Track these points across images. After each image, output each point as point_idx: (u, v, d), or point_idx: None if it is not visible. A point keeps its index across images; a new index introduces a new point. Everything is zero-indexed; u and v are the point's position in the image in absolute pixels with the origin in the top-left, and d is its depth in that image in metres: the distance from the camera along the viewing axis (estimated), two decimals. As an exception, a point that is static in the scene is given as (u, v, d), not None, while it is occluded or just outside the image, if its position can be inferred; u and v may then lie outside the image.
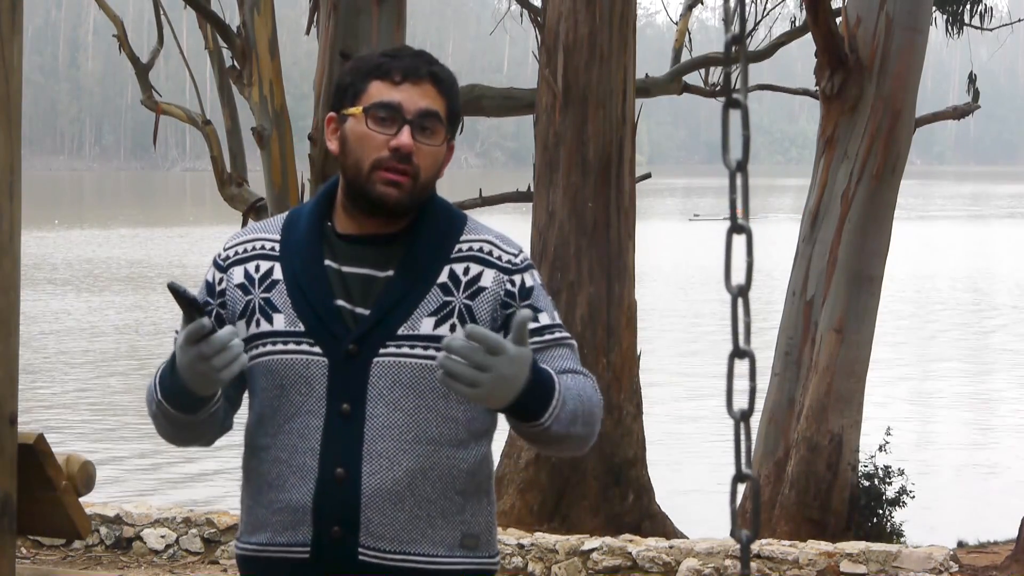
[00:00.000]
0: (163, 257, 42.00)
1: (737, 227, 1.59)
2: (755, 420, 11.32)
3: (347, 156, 2.77)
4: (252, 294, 2.79)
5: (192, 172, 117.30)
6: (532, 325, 2.75)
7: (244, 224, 11.47)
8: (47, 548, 8.55)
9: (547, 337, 2.78)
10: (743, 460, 1.61)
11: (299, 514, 2.74)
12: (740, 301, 1.60)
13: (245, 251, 2.84)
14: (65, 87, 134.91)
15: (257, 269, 2.81)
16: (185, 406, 2.73)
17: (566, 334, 2.82)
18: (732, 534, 1.63)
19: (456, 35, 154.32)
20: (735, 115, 1.59)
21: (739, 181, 1.59)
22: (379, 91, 2.75)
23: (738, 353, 1.61)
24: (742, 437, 1.61)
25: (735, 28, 1.57)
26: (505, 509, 10.20)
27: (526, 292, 2.78)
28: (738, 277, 1.60)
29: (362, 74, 2.78)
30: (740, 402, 1.63)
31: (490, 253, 2.79)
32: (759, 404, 11.21)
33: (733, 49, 1.58)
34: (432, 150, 2.75)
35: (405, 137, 2.72)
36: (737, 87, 1.58)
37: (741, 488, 1.64)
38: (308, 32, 10.91)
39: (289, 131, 10.50)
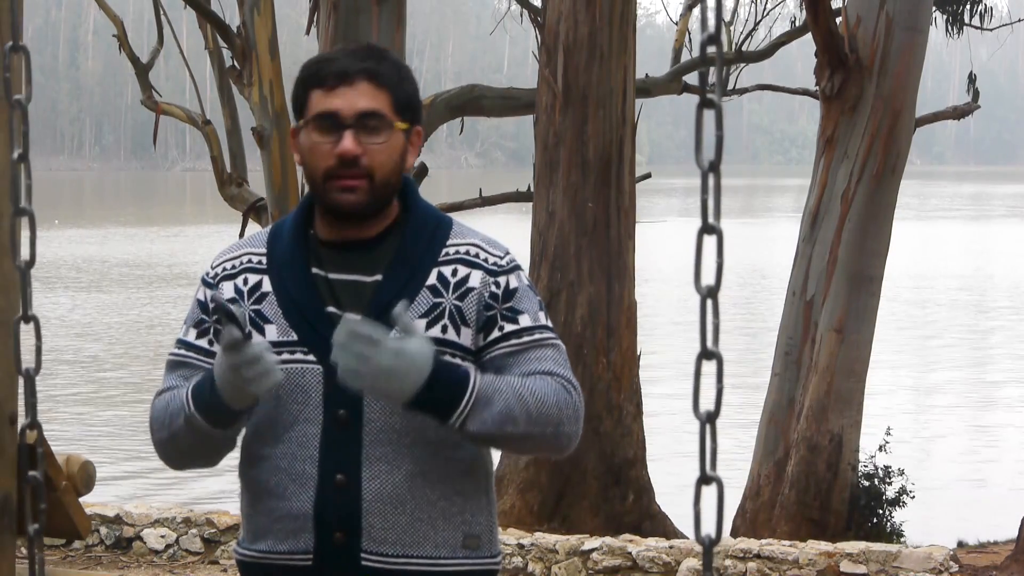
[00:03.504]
0: (163, 256, 42.00)
1: (708, 227, 1.59)
2: (755, 420, 11.32)
3: (306, 168, 2.79)
4: (242, 307, 2.79)
5: (192, 172, 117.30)
6: (510, 328, 2.76)
7: (244, 224, 11.47)
8: (47, 548, 8.55)
9: (525, 339, 2.77)
10: (708, 462, 1.61)
11: (300, 521, 2.75)
12: (709, 302, 1.60)
13: (233, 267, 2.85)
14: (65, 87, 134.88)
15: (245, 282, 2.81)
16: (219, 420, 2.73)
17: (548, 335, 2.79)
18: (696, 537, 1.64)
19: (456, 35, 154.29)
20: (709, 115, 1.59)
21: (711, 182, 1.59)
22: (318, 100, 2.75)
23: (706, 354, 1.61)
24: (707, 439, 1.61)
25: (711, 27, 1.57)
26: (505, 509, 10.20)
27: (509, 294, 2.78)
28: (708, 278, 1.60)
29: (303, 84, 2.79)
30: (707, 403, 1.63)
31: (477, 256, 2.80)
32: (758, 403, 11.21)
33: (708, 50, 1.58)
34: (380, 148, 2.74)
35: (347, 143, 2.72)
36: (712, 87, 1.58)
37: (707, 490, 1.64)
38: (308, 32, 10.91)
39: (289, 131, 10.50)
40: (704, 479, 1.60)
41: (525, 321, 2.78)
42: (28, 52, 2.14)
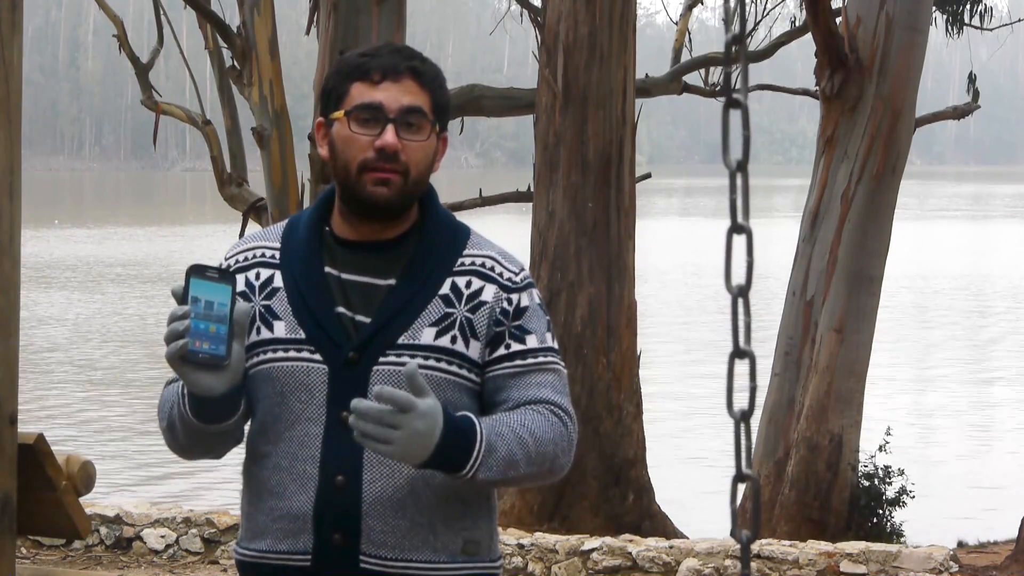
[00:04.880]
0: (163, 256, 42.00)
1: (737, 227, 1.59)
2: (755, 420, 11.33)
3: (336, 160, 2.76)
4: (252, 302, 2.77)
5: (192, 172, 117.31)
6: (516, 347, 2.76)
7: (244, 224, 11.47)
8: (47, 548, 8.55)
9: (528, 361, 2.76)
10: (743, 460, 1.61)
11: (300, 522, 2.74)
12: (740, 301, 1.60)
13: (246, 259, 2.83)
14: (65, 87, 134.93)
15: (257, 277, 2.80)
16: (198, 412, 2.71)
17: (552, 359, 2.78)
18: (732, 534, 1.63)
19: (456, 35, 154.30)
20: (735, 115, 1.59)
21: (739, 181, 1.59)
22: (360, 92, 2.74)
23: (738, 353, 1.61)
24: (742, 437, 1.61)
25: (735, 28, 1.56)
26: (505, 509, 10.20)
27: (520, 312, 2.77)
28: (738, 277, 1.60)
29: (343, 77, 2.77)
30: (740, 402, 1.63)
31: (492, 269, 2.79)
32: (758, 403, 11.22)
33: (733, 49, 1.57)
34: (419, 145, 2.74)
35: (389, 136, 2.71)
36: (737, 87, 1.58)
37: (741, 488, 1.64)
38: (308, 32, 10.91)
39: (289, 131, 10.50)
40: (740, 477, 1.60)
41: (532, 342, 2.77)
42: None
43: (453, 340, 2.73)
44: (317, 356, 2.73)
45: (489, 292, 2.77)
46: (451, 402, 2.72)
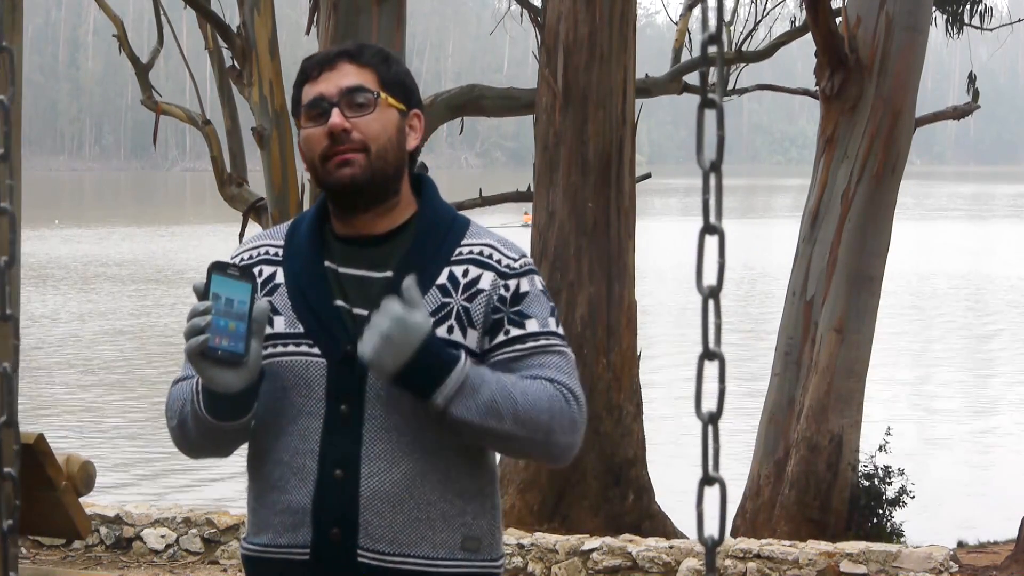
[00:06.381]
0: (162, 256, 42.00)
1: (710, 228, 1.58)
2: (755, 420, 11.32)
3: (307, 162, 2.80)
4: (257, 298, 2.79)
5: (192, 172, 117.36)
6: (516, 332, 2.73)
7: (244, 224, 11.47)
8: (47, 548, 8.55)
9: (529, 344, 2.73)
10: (711, 463, 1.61)
11: (299, 515, 2.74)
12: (711, 302, 1.59)
13: (250, 257, 2.86)
14: (65, 87, 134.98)
15: (260, 274, 2.82)
16: (214, 409, 2.72)
17: (555, 342, 2.75)
18: (699, 537, 1.63)
19: (456, 35, 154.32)
20: (710, 115, 1.58)
21: (712, 182, 1.58)
22: (307, 93, 2.79)
23: (708, 355, 1.60)
24: (710, 439, 1.61)
25: (712, 27, 1.56)
26: (505, 509, 10.20)
27: (518, 297, 2.75)
28: (710, 278, 1.59)
29: (294, 86, 2.84)
30: (709, 404, 1.63)
31: (490, 257, 2.77)
32: (759, 404, 11.21)
33: (709, 49, 1.57)
34: (371, 119, 2.75)
35: (334, 118, 2.73)
36: (713, 87, 1.58)
37: (710, 491, 1.63)
38: (308, 32, 10.91)
39: (289, 131, 10.49)
40: (706, 480, 1.59)
41: (532, 326, 2.74)
42: (12, 53, 2.12)
43: (450, 330, 2.72)
44: (316, 350, 2.74)
45: (487, 280, 2.75)
46: None
